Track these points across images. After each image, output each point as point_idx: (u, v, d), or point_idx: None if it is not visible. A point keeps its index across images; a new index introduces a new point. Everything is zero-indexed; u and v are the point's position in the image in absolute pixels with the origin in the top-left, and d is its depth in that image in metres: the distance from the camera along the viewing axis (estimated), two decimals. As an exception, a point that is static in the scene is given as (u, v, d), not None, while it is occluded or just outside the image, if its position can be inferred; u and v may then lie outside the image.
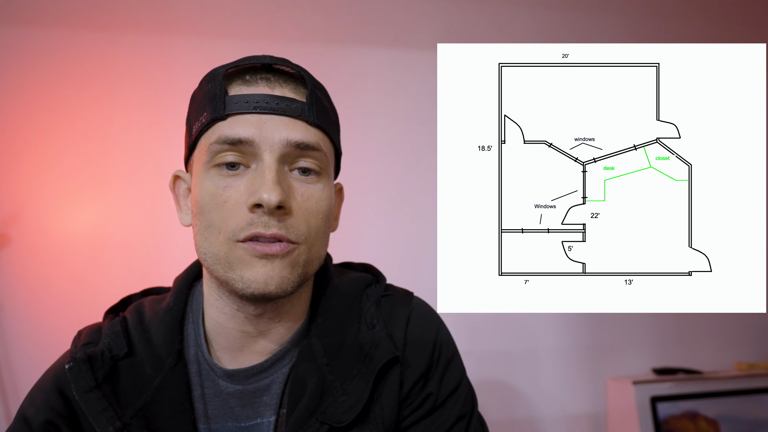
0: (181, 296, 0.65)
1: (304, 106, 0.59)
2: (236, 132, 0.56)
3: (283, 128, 0.57)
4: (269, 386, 0.62)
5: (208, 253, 0.58)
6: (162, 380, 0.60)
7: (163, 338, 0.62)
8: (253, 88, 0.58)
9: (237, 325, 0.61)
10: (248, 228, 0.55)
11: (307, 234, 0.58)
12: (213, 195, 0.57)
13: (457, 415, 0.64)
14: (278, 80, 0.60)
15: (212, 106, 0.58)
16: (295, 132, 0.57)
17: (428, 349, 0.65)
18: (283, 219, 0.56)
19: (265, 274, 0.55)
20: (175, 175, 0.66)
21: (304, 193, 0.58)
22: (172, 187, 0.66)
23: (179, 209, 0.65)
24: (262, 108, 0.57)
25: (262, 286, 0.55)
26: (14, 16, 1.32)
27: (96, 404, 0.56)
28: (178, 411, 0.59)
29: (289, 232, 0.56)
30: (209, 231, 0.57)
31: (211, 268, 0.58)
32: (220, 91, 0.58)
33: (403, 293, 0.71)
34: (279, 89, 0.59)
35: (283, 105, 0.57)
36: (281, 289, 0.56)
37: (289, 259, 0.57)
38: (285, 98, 0.58)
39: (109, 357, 0.60)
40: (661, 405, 1.42)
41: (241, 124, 0.56)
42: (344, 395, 0.59)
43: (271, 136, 0.56)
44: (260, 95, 0.57)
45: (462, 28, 1.57)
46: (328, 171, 0.62)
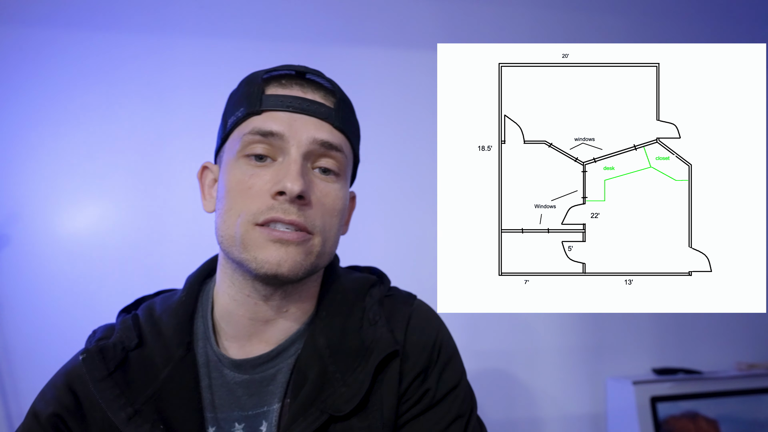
0: (193, 292, 0.69)
1: (332, 111, 0.64)
2: (269, 125, 0.61)
3: (311, 127, 0.62)
4: (275, 376, 0.64)
5: (225, 234, 0.62)
6: (171, 370, 0.63)
7: (174, 330, 0.65)
8: (288, 90, 0.64)
9: (247, 312, 0.64)
10: (268, 212, 0.59)
11: (322, 227, 0.62)
12: (239, 181, 0.61)
13: (455, 413, 0.65)
14: (311, 87, 0.65)
15: (249, 102, 0.63)
16: (322, 132, 0.63)
17: (428, 347, 0.66)
18: (303, 209, 0.60)
19: (278, 257, 0.59)
20: (203, 165, 0.70)
21: (323, 190, 0.63)
22: (199, 176, 0.70)
23: (203, 197, 0.69)
24: (294, 108, 0.62)
25: (275, 267, 0.59)
26: (14, 16, 1.32)
27: (109, 392, 0.60)
28: (187, 400, 0.62)
29: (307, 222, 0.60)
30: (230, 214, 0.61)
31: (228, 249, 0.62)
32: (257, 90, 0.64)
33: (406, 295, 0.73)
34: (311, 94, 0.64)
35: (314, 107, 0.63)
36: (293, 272, 0.59)
37: (304, 247, 0.60)
38: (315, 102, 0.64)
39: (121, 348, 0.63)
40: (661, 405, 1.42)
41: (273, 119, 0.62)
42: (344, 386, 0.61)
43: (300, 133, 0.61)
44: (293, 97, 0.63)
45: (462, 28, 1.57)
46: (346, 174, 0.66)
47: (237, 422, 0.63)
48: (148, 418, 0.59)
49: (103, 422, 0.60)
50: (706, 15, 1.73)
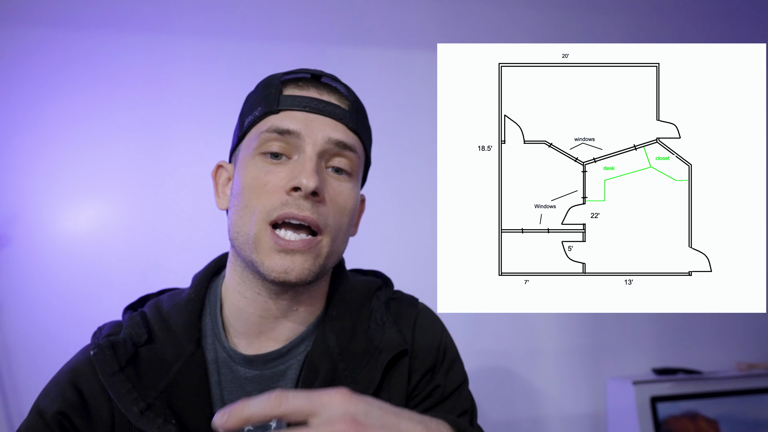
0: (201, 289, 0.69)
1: (346, 113, 0.66)
2: (286, 124, 0.63)
3: (327, 127, 0.64)
4: (285, 372, 0.65)
5: (240, 232, 0.63)
6: (182, 365, 0.63)
7: (184, 326, 0.65)
8: (305, 92, 0.66)
9: (256, 310, 0.65)
10: (282, 207, 0.60)
11: (333, 226, 0.63)
12: (255, 178, 0.62)
13: (461, 409, 0.67)
14: (327, 89, 0.67)
15: (266, 102, 0.65)
16: (337, 132, 0.64)
17: (434, 348, 0.69)
18: (316, 205, 0.61)
19: (284, 266, 0.60)
20: (218, 164, 0.71)
21: (336, 188, 0.64)
22: (214, 174, 0.71)
23: (217, 195, 0.71)
24: (310, 108, 0.64)
25: (283, 275, 0.60)
26: (14, 16, 1.32)
27: (120, 386, 0.60)
28: (197, 395, 0.62)
29: (320, 219, 0.61)
30: (245, 211, 0.62)
31: (240, 248, 0.63)
32: (275, 91, 0.65)
33: (410, 298, 0.75)
34: (326, 96, 0.66)
35: (329, 108, 0.65)
36: (301, 278, 0.60)
37: (311, 252, 0.61)
38: (331, 103, 0.65)
39: (131, 344, 0.63)
40: (661, 405, 1.42)
41: (290, 118, 0.63)
42: (353, 384, 0.62)
43: (315, 132, 0.63)
44: (310, 98, 0.65)
45: (462, 28, 1.57)
46: (358, 175, 0.68)
47: None
48: (161, 412, 0.59)
49: (110, 419, 0.61)
50: (706, 15, 1.73)
